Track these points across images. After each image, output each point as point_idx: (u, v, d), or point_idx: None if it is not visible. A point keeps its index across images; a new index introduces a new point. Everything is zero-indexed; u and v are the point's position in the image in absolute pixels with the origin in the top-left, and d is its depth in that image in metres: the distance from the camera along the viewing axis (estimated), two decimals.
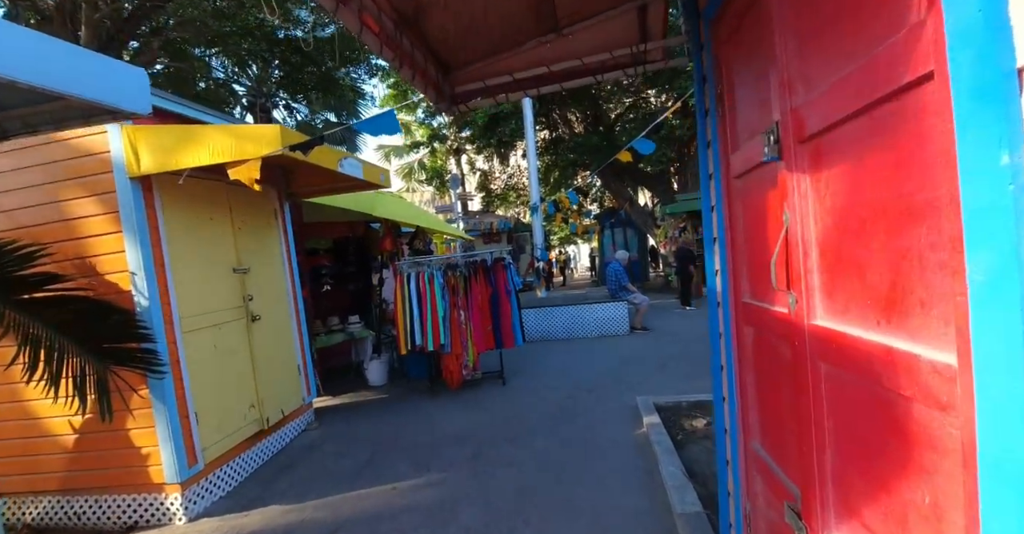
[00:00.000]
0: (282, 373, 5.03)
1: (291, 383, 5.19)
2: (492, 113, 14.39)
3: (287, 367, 5.15)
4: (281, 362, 5.03)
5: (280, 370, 4.99)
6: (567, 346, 8.68)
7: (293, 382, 5.23)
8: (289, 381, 5.15)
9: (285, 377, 5.08)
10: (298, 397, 5.29)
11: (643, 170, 17.95)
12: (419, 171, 22.87)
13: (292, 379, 5.21)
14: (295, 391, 5.24)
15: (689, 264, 12.29)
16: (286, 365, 5.13)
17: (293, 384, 5.22)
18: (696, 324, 9.88)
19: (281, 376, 5.00)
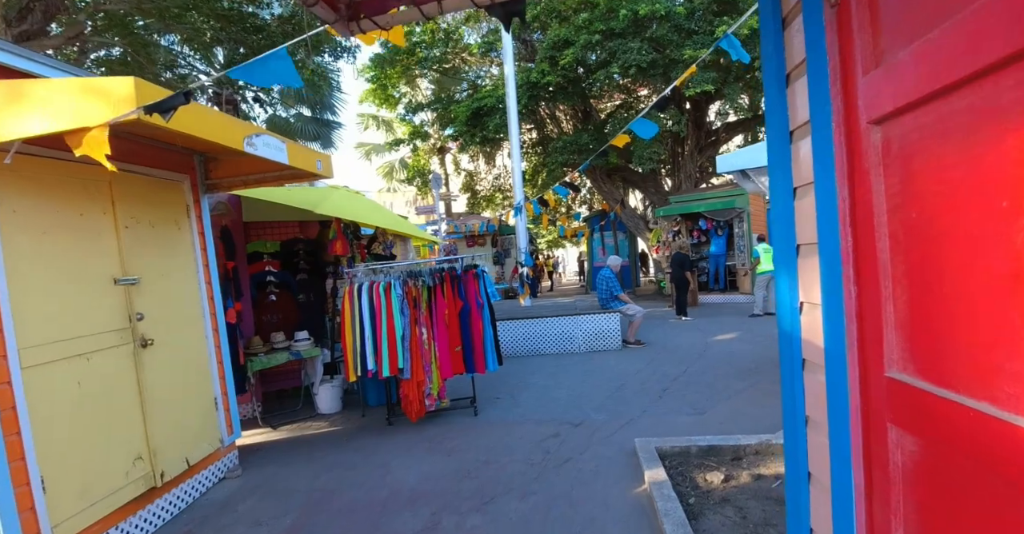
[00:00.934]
0: (188, 411, 3.98)
1: (203, 423, 4.13)
2: (475, 107, 13.39)
3: (197, 403, 4.09)
4: (187, 397, 3.98)
5: (185, 408, 3.94)
6: (553, 363, 7.69)
7: (206, 421, 4.17)
8: (199, 420, 4.10)
9: (193, 416, 4.03)
10: (214, 439, 4.23)
11: (634, 170, 17.06)
12: (400, 170, 21.79)
13: (204, 418, 4.16)
14: (209, 432, 4.19)
15: (685, 271, 11.36)
16: (195, 401, 4.08)
17: (206, 424, 4.17)
18: (695, 338, 8.93)
19: (186, 415, 3.94)
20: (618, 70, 10.69)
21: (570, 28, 11.61)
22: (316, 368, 6.01)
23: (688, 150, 15.47)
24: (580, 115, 15.77)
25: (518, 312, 9.07)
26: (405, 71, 17.20)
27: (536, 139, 17.97)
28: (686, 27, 10.91)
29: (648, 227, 16.65)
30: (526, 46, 14.93)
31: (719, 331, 9.49)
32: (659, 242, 15.94)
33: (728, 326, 10.01)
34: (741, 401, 5.29)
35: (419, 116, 19.73)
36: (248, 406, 5.86)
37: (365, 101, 19.27)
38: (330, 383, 5.96)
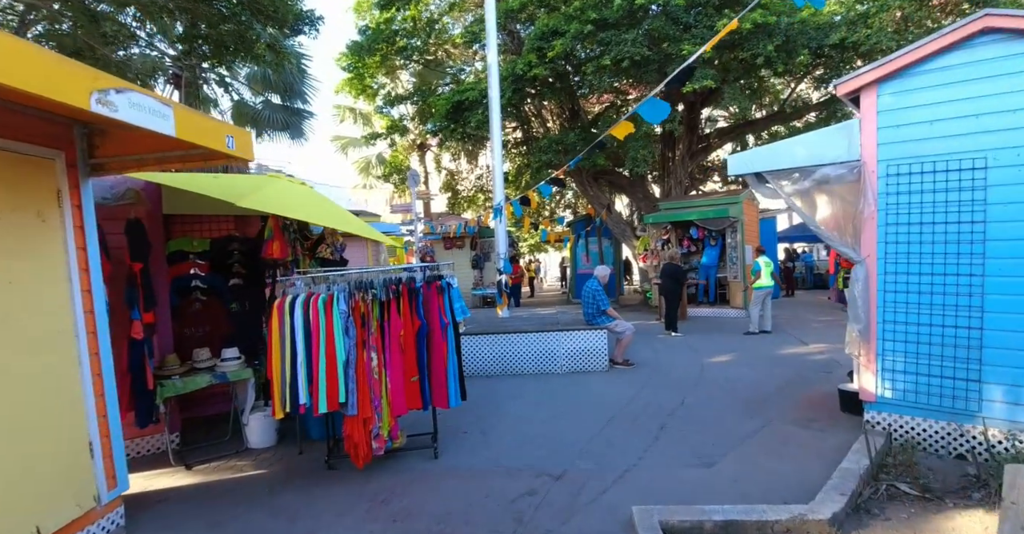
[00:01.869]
0: (41, 463, 2.97)
1: (67, 476, 3.13)
2: (456, 100, 12.46)
3: (58, 450, 3.09)
4: (40, 444, 2.97)
5: (35, 458, 2.93)
6: (532, 386, 6.78)
7: (72, 474, 3.17)
8: (61, 474, 3.09)
9: (49, 469, 3.02)
10: (85, 496, 3.23)
11: (622, 174, 16.27)
12: (378, 166, 20.73)
13: (70, 469, 3.15)
14: (77, 488, 3.18)
15: (678, 283, 10.55)
16: (55, 447, 3.07)
17: (72, 477, 3.16)
18: (689, 359, 8.09)
19: (37, 469, 2.94)
20: (610, 62, 9.84)
21: (560, 17, 10.75)
22: (247, 393, 5.01)
23: (680, 155, 14.72)
24: (567, 114, 14.93)
25: (495, 325, 8.14)
26: (384, 61, 16.19)
27: (521, 138, 17.07)
28: (684, 20, 10.13)
29: (635, 234, 15.86)
30: (512, 38, 14.05)
31: (714, 351, 8.68)
32: (646, 250, 15.15)
33: (723, 345, 9.21)
34: (755, 448, 4.44)
35: (398, 110, 18.73)
36: (158, 439, 4.84)
37: (341, 92, 18.18)
38: (263, 411, 4.97)
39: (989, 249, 3.99)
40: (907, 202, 4.30)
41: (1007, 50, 3.88)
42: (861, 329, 4.48)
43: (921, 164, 4.23)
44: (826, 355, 8.04)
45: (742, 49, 9.74)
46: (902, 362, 4.40)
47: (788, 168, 4.79)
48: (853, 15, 10.21)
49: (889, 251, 4.39)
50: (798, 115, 15.03)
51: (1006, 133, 3.90)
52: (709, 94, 13.01)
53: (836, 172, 4.54)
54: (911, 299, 4.33)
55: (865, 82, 4.41)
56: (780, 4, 9.62)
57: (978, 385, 4.07)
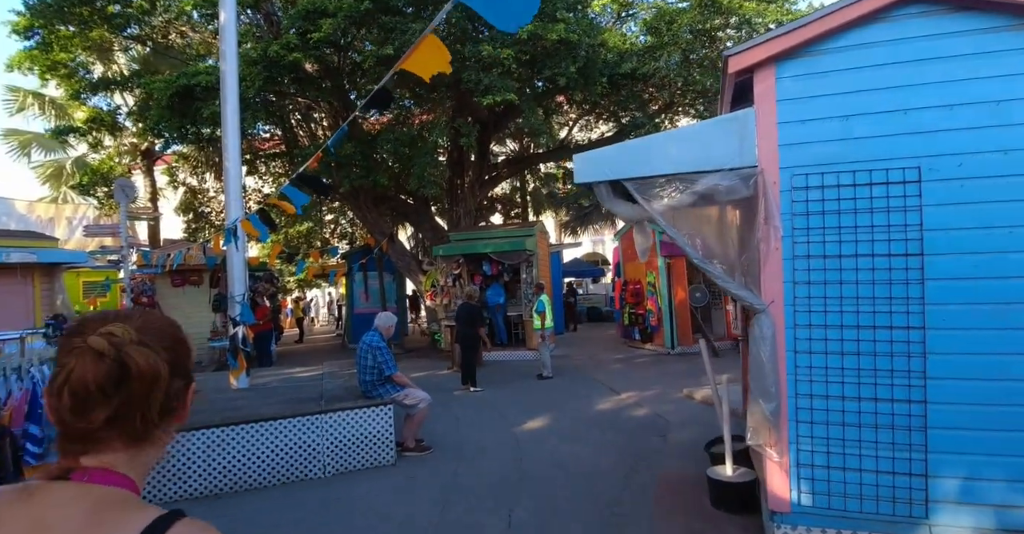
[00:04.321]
0: None
1: None
2: (182, 85, 9.17)
3: None
4: None
5: None
6: (268, 514, 4.17)
7: None
8: None
9: None
10: None
11: (405, 200, 14.34)
12: (76, 173, 15.29)
13: None
14: None
15: (476, 327, 8.83)
16: None
17: None
18: (499, 430, 6.25)
19: None
20: (392, 52, 7.90)
21: None
22: None
23: (469, 181, 13.38)
24: (341, 121, 12.53)
25: (218, 407, 5.27)
26: (86, 30, 11.85)
27: (283, 150, 14.02)
28: (483, 23, 8.76)
29: (421, 268, 13.95)
30: (270, 23, 11.27)
31: (524, 412, 7.03)
32: (434, 287, 13.32)
33: (530, 401, 7.66)
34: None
35: (108, 99, 14.10)
36: None
37: (19, 68, 12.92)
38: None
39: (930, 292, 2.91)
40: (820, 226, 3.08)
41: (940, 27, 2.91)
42: (772, 409, 3.08)
43: (837, 174, 3.05)
44: (645, 408, 6.97)
45: (545, 67, 8.72)
46: (823, 453, 3.10)
47: (660, 175, 3.29)
48: (644, 47, 10.05)
49: (799, 294, 3.11)
50: (581, 150, 14.98)
51: (943, 136, 2.89)
52: (503, 114, 11.95)
53: (726, 182, 3.16)
54: (831, 362, 3.08)
55: (758, 59, 3.15)
56: (583, 22, 8.88)
57: (924, 481, 2.92)
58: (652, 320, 11.76)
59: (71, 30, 12.12)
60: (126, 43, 14.20)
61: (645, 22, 9.92)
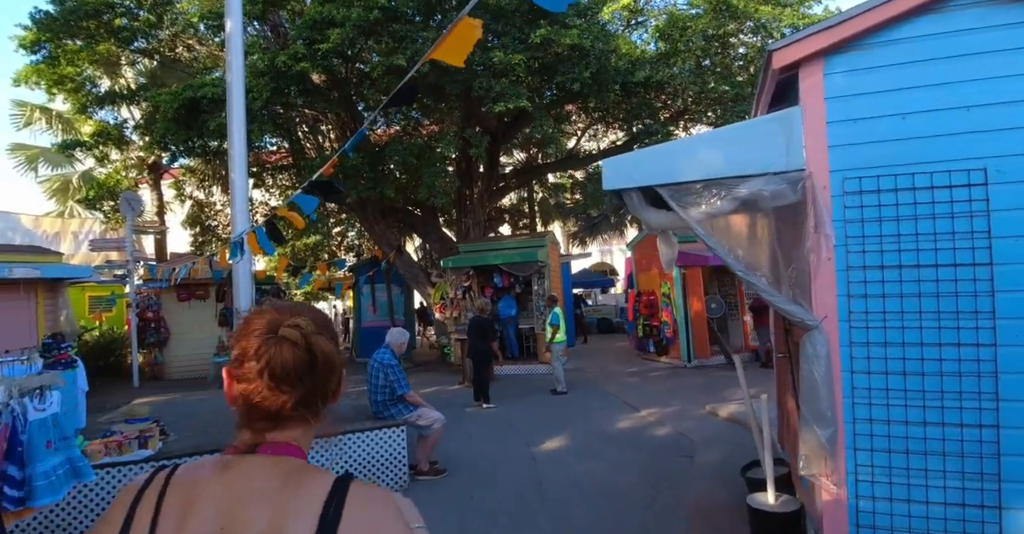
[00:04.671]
0: None
1: None
2: (188, 97, 9.05)
3: None
4: None
5: None
6: None
7: None
8: None
9: None
10: None
11: (413, 212, 14.17)
12: (82, 188, 15.20)
13: None
14: None
15: (488, 341, 8.57)
16: None
17: None
18: (515, 449, 5.95)
19: None
20: (404, 62, 7.74)
21: (335, 5, 8.39)
22: None
23: (479, 192, 13.19)
24: (348, 133, 12.39)
25: (224, 426, 5.03)
26: (92, 43, 11.81)
27: (290, 162, 13.88)
28: (493, 28, 8.59)
29: (430, 281, 13.71)
30: (277, 35, 11.18)
31: (539, 429, 6.73)
32: (443, 299, 13.08)
33: (545, 418, 7.37)
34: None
35: (115, 113, 14.07)
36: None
37: (26, 82, 12.90)
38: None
39: (1000, 305, 2.63)
40: (877, 234, 2.82)
41: (1004, 17, 2.67)
42: (829, 436, 2.80)
43: (894, 177, 2.80)
44: (666, 425, 6.67)
45: (557, 73, 8.53)
46: (885, 484, 2.81)
47: (698, 180, 3.05)
48: (656, 54, 9.86)
49: (855, 309, 2.84)
50: (591, 160, 14.82)
51: (1011, 134, 2.64)
52: (512, 124, 11.79)
53: (771, 187, 2.91)
54: (892, 383, 2.80)
55: (805, 53, 2.92)
56: (594, 28, 8.69)
57: (997, 513, 2.63)
58: (667, 332, 11.46)
59: (78, 44, 12.09)
60: (133, 57, 14.20)
61: (657, 28, 9.75)
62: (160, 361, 12.52)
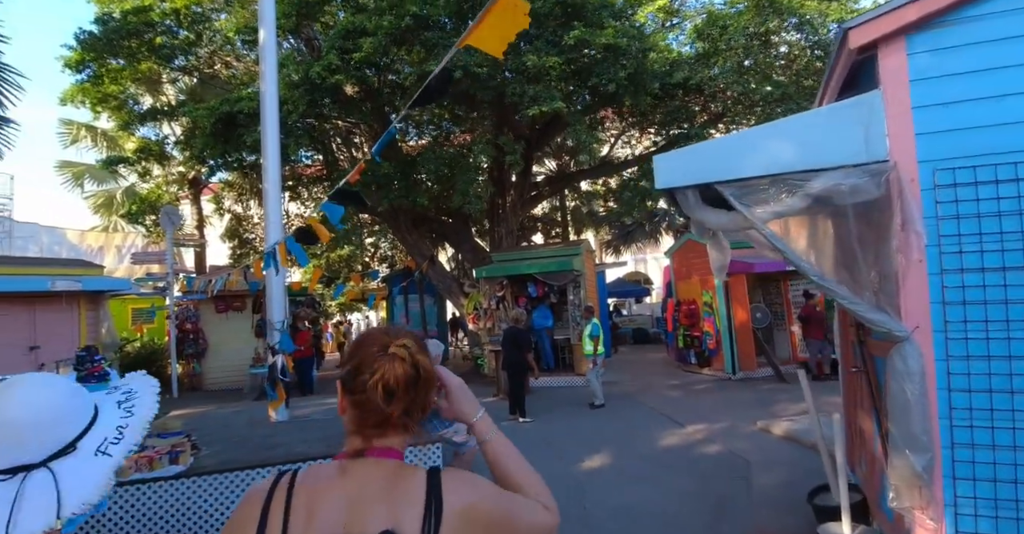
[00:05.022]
0: None
1: None
2: (225, 112, 9.14)
3: None
4: None
5: None
6: None
7: None
8: None
9: None
10: None
11: (445, 221, 14.06)
12: (125, 202, 15.65)
13: None
14: None
15: (524, 352, 8.30)
16: None
17: None
18: (555, 467, 5.64)
19: None
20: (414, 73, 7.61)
21: (367, 15, 8.36)
22: None
23: (512, 200, 13.01)
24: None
25: (256, 440, 4.89)
26: (134, 61, 12.13)
27: (323, 173, 13.96)
28: (525, 32, 8.42)
29: (463, 291, 13.55)
30: (311, 48, 11.27)
31: (581, 447, 6.41)
32: (476, 310, 12.89)
33: (586, 433, 7.05)
34: None
35: (157, 129, 14.43)
36: None
37: (71, 102, 13.34)
38: None
39: None
40: (975, 232, 2.47)
41: None
42: (925, 464, 2.45)
43: (994, 168, 2.45)
44: (716, 443, 6.26)
45: (592, 74, 8.30)
46: (990, 518, 2.44)
47: (764, 176, 2.75)
48: (694, 55, 9.53)
49: (952, 318, 2.49)
50: (625, 166, 14.49)
51: None
52: (544, 130, 11.58)
53: (850, 181, 2.59)
54: (998, 403, 2.43)
55: (885, 32, 2.61)
56: (631, 29, 8.43)
57: None
58: (709, 343, 10.99)
59: (120, 63, 12.44)
60: (174, 75, 14.57)
61: (696, 28, 9.43)
62: (198, 372, 12.65)
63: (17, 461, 0.93)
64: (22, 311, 8.50)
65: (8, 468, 0.92)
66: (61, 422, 0.99)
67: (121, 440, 1.06)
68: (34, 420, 0.95)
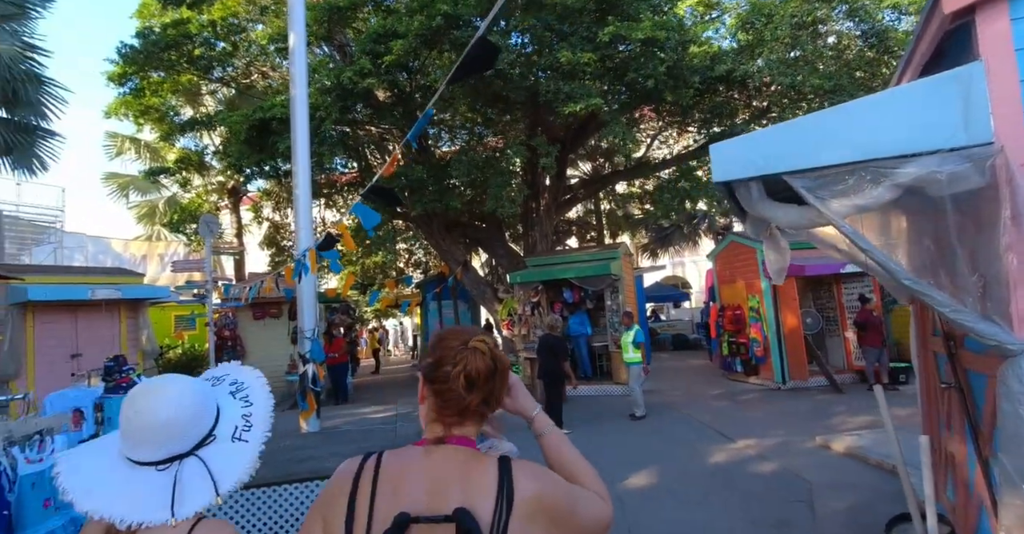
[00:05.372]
0: None
1: None
2: (258, 118, 9.15)
3: None
4: None
5: None
6: None
7: None
8: None
9: None
10: None
11: (479, 226, 13.87)
12: (167, 212, 16.02)
13: None
14: None
15: (560, 360, 7.97)
16: None
17: None
18: (615, 488, 5.31)
19: None
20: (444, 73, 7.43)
21: (397, 17, 8.24)
22: None
23: (546, 203, 12.72)
24: (416, 151, 12.29)
25: (286, 453, 4.71)
26: (173, 72, 12.38)
27: (356, 179, 13.98)
28: (557, 28, 8.13)
29: (497, 297, 13.30)
30: (343, 54, 11.26)
31: (622, 462, 6.05)
32: (511, 316, 12.61)
33: (628, 448, 6.67)
34: None
35: (196, 140, 14.72)
36: None
37: (115, 114, 13.72)
38: None
39: None
40: None
41: None
42: None
43: None
44: (772, 461, 5.80)
45: (629, 70, 7.95)
46: None
47: (842, 164, 2.39)
48: (739, 46, 9.07)
49: None
50: (663, 166, 14.02)
51: None
52: (579, 131, 11.26)
53: (948, 168, 2.22)
54: None
55: None
56: (668, 21, 8.04)
57: None
58: (757, 350, 10.43)
59: (161, 76, 12.72)
60: (212, 87, 14.85)
61: (739, 17, 8.96)
62: None
63: (171, 452, 1.08)
64: (65, 320, 8.64)
65: (164, 459, 1.08)
66: (201, 416, 1.13)
67: (252, 427, 1.19)
68: (182, 416, 1.09)
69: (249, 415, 1.21)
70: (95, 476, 1.06)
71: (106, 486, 1.05)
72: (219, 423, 1.16)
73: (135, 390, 1.12)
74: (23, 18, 10.42)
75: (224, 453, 1.14)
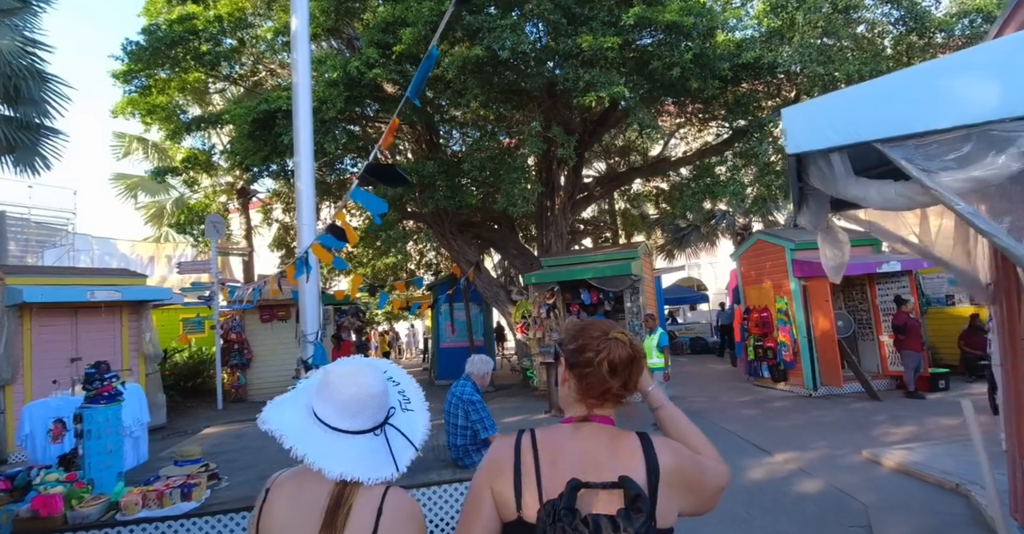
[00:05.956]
0: None
1: None
2: (261, 111, 8.78)
3: None
4: None
5: None
6: None
7: None
8: None
9: None
10: None
11: (491, 226, 13.44)
12: (175, 212, 15.77)
13: None
14: None
15: None
16: None
17: None
18: None
19: None
20: (482, 52, 6.98)
21: (406, 5, 7.83)
22: None
23: (561, 202, 12.25)
24: (424, 146, 11.88)
25: (289, 463, 4.29)
26: (178, 70, 12.09)
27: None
28: (575, 11, 7.64)
29: (510, 299, 12.84)
30: (351, 48, 10.89)
31: None
32: (525, 319, 12.15)
33: None
34: None
35: (203, 138, 14.45)
36: None
37: (122, 114, 13.46)
38: None
39: None
40: None
41: None
42: None
43: None
44: (816, 477, 5.28)
45: (655, 58, 7.47)
46: None
47: (952, 128, 1.91)
48: (767, 31, 8.54)
49: None
50: (683, 163, 13.50)
51: None
52: (598, 124, 10.80)
53: None
54: None
55: None
56: (695, 5, 7.54)
57: None
58: (786, 355, 9.87)
59: (167, 74, 12.44)
60: (220, 85, 14.57)
61: (769, 1, 8.43)
62: (243, 383, 12.39)
63: (378, 421, 1.30)
64: (64, 322, 8.32)
65: (376, 425, 1.29)
66: (387, 391, 1.34)
67: (410, 400, 1.40)
68: (382, 390, 1.31)
69: (402, 391, 1.40)
70: (324, 448, 1.22)
71: (338, 454, 1.21)
72: (389, 398, 1.35)
73: (346, 369, 1.29)
74: (25, 12, 10.18)
75: (404, 420, 1.34)
